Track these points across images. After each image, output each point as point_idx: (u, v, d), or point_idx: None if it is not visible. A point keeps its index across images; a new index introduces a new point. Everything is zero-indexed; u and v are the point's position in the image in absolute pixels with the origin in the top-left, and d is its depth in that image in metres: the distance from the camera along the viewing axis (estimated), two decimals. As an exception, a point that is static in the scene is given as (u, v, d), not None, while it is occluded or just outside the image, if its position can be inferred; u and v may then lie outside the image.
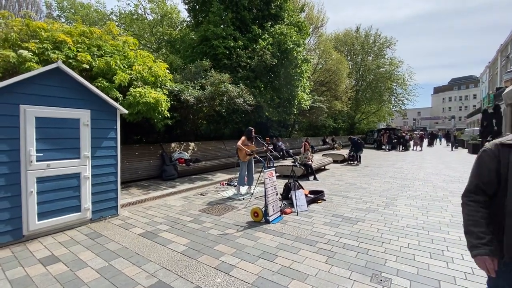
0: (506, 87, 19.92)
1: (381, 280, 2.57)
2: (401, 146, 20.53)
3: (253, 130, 6.29)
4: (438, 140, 35.25)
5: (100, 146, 4.33)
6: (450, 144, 22.31)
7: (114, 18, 18.42)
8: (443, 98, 73.55)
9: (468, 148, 18.45)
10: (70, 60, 5.52)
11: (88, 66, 5.74)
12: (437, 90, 77.05)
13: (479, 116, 24.79)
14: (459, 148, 22.14)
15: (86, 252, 3.21)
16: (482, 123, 18.22)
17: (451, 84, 73.19)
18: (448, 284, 2.51)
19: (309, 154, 8.64)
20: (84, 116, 4.09)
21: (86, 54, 5.69)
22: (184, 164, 8.40)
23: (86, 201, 4.12)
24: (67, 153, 3.91)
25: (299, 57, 11.91)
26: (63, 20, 17.59)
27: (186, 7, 14.02)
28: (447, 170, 9.84)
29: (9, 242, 3.38)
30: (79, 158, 4.04)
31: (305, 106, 14.21)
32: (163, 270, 2.79)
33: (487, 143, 1.53)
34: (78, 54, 5.61)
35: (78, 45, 5.90)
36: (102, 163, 4.36)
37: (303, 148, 8.82)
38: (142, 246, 3.40)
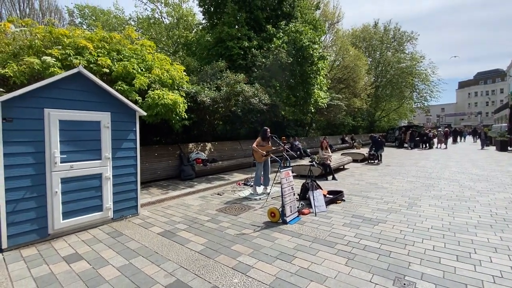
0: (539, 79, 18.49)
1: (404, 284, 2.45)
2: (424, 144, 19.65)
3: (268, 130, 6.24)
4: (463, 137, 33.39)
5: (120, 147, 4.46)
6: (480, 141, 19.62)
7: (132, 23, 19.06)
8: (469, 93, 69.77)
9: (496, 145, 17.31)
10: (91, 65, 5.73)
11: (108, 70, 5.94)
12: (462, 85, 73.25)
13: (507, 111, 23.24)
14: (490, 146, 19.76)
15: (107, 251, 3.31)
16: (510, 119, 17.11)
17: (476, 79, 69.29)
18: (479, 289, 2.34)
19: (328, 153, 8.46)
20: (104, 118, 4.23)
21: (106, 59, 5.88)
22: (201, 164, 8.50)
23: (108, 200, 4.26)
24: (89, 154, 4.06)
25: (315, 54, 11.70)
26: (84, 26, 18.43)
27: (201, 9, 14.21)
28: (474, 169, 9.29)
29: (35, 241, 3.55)
30: (100, 159, 4.18)
31: (322, 104, 13.95)
32: (181, 269, 2.81)
33: None
34: (99, 59, 5.81)
35: (99, 50, 6.12)
36: (123, 164, 4.49)
37: (321, 146, 8.65)
38: (161, 245, 3.46)
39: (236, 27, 11.74)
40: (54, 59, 5.22)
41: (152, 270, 2.82)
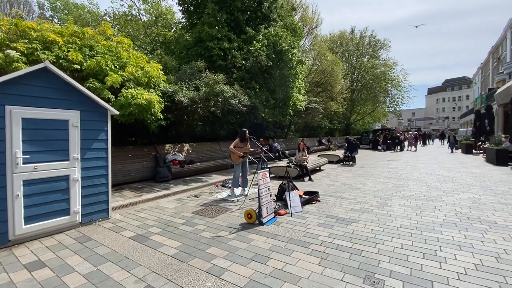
0: (498, 87, 20.24)
1: (374, 282, 2.54)
2: (396, 147, 20.66)
3: (247, 131, 6.25)
4: (431, 140, 35.66)
5: (90, 147, 4.24)
6: (449, 145, 19.44)
7: (108, 19, 18.26)
8: (437, 99, 74.41)
9: (461, 148, 18.58)
10: (60, 61, 5.42)
11: (79, 67, 5.65)
12: (431, 91, 77.95)
13: (472, 116, 25.10)
14: (459, 150, 19.58)
15: (74, 257, 3.13)
16: (475, 123, 18.48)
17: (444, 85, 74.12)
18: (441, 284, 2.48)
19: (305, 154, 8.62)
20: (73, 117, 4.00)
21: (77, 54, 5.60)
22: (178, 166, 8.32)
23: (76, 204, 4.03)
24: (55, 155, 3.82)
25: (294, 58, 11.92)
26: (56, 20, 17.42)
27: (181, 8, 13.96)
28: (440, 170, 9.90)
29: (-6, 247, 3.28)
30: (68, 160, 3.95)
31: (300, 107, 14.21)
32: (152, 274, 2.72)
33: None
34: (69, 54, 5.51)
35: (69, 45, 5.81)
36: (92, 165, 4.27)
37: (298, 148, 8.80)
38: (132, 249, 3.33)
39: (216, 27, 11.66)
40: (19, 54, 4.89)
41: (122, 276, 2.70)
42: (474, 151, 17.33)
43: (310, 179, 8.00)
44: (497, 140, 12.29)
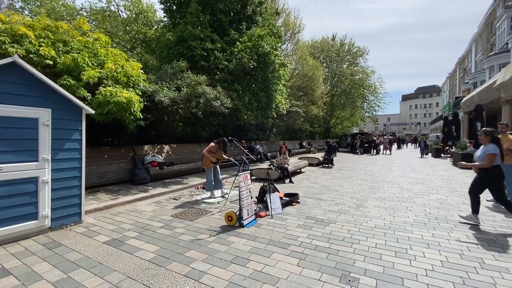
0: (464, 96, 21.70)
1: (349, 280, 2.63)
2: (373, 150, 21.51)
3: (227, 143, 6.24)
4: (405, 144, 37.58)
5: (62, 148, 4.03)
6: (420, 150, 19.57)
7: (85, 14, 17.50)
8: (410, 105, 78.45)
9: (431, 152, 19.69)
10: (31, 55, 5.14)
11: (52, 62, 5.38)
12: (405, 97, 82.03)
13: (441, 122, 26.74)
14: (429, 154, 19.94)
15: (42, 264, 2.95)
16: (443, 129, 19.66)
17: (417, 93, 78.31)
18: (411, 281, 2.62)
19: (286, 157, 8.74)
20: (43, 115, 3.79)
21: (50, 49, 5.33)
22: (157, 168, 8.11)
23: (45, 207, 3.80)
24: (23, 155, 3.59)
25: (276, 61, 12.07)
26: (26, 12, 16.41)
27: (163, 6, 13.70)
28: (412, 173, 10.43)
29: (-49, 255, 3.02)
30: (37, 161, 3.72)
31: (282, 110, 14.41)
32: (128, 280, 2.63)
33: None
34: (41, 48, 5.23)
35: (41, 40, 5.51)
36: (64, 167, 4.06)
37: (279, 151, 8.91)
38: (106, 255, 3.20)
39: (199, 28, 11.55)
40: (-16, 46, 4.56)
41: (95, 283, 2.59)
42: (442, 155, 18.44)
43: (290, 181, 8.12)
44: (462, 145, 13.18)
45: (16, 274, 2.72)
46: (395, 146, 27.95)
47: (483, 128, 4.47)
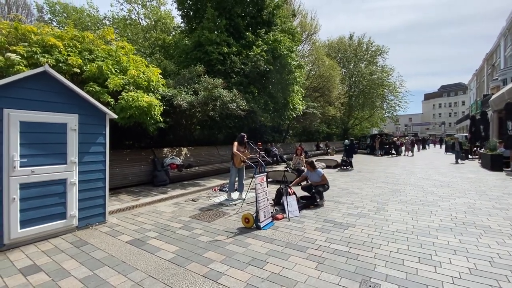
0: (492, 94, 20.50)
1: (370, 286, 2.56)
2: (394, 151, 20.77)
3: (245, 136, 6.26)
4: (427, 145, 35.96)
5: (88, 151, 4.25)
6: (455, 155, 15.04)
7: (107, 22, 18.36)
8: (434, 105, 75.13)
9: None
10: (60, 64, 5.46)
11: (79, 70, 5.69)
12: (428, 96, 78.73)
13: (468, 122, 25.39)
14: (465, 160, 15.75)
15: (70, 261, 3.12)
16: (470, 129, 18.66)
17: (440, 91, 74.92)
18: (436, 289, 2.51)
19: (302, 159, 8.65)
20: (71, 120, 4.02)
21: (77, 58, 5.63)
22: (176, 170, 8.31)
23: (72, 208, 4.02)
24: (53, 158, 3.82)
25: (292, 63, 12.02)
26: (54, 24, 17.45)
27: (180, 13, 14.09)
28: (436, 175, 9.97)
29: (-11, 251, 3.26)
30: (65, 163, 3.95)
31: (298, 112, 14.30)
32: (149, 279, 2.72)
33: None
34: (69, 58, 5.55)
35: (69, 49, 5.85)
36: (90, 169, 4.27)
37: (295, 153, 8.83)
38: (129, 254, 3.32)
39: (216, 32, 11.76)
40: (19, 57, 4.90)
41: (118, 280, 2.70)
42: (470, 156, 17.47)
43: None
44: (492, 146, 12.43)
45: (47, 271, 2.89)
46: (420, 146, 26.74)
47: None
